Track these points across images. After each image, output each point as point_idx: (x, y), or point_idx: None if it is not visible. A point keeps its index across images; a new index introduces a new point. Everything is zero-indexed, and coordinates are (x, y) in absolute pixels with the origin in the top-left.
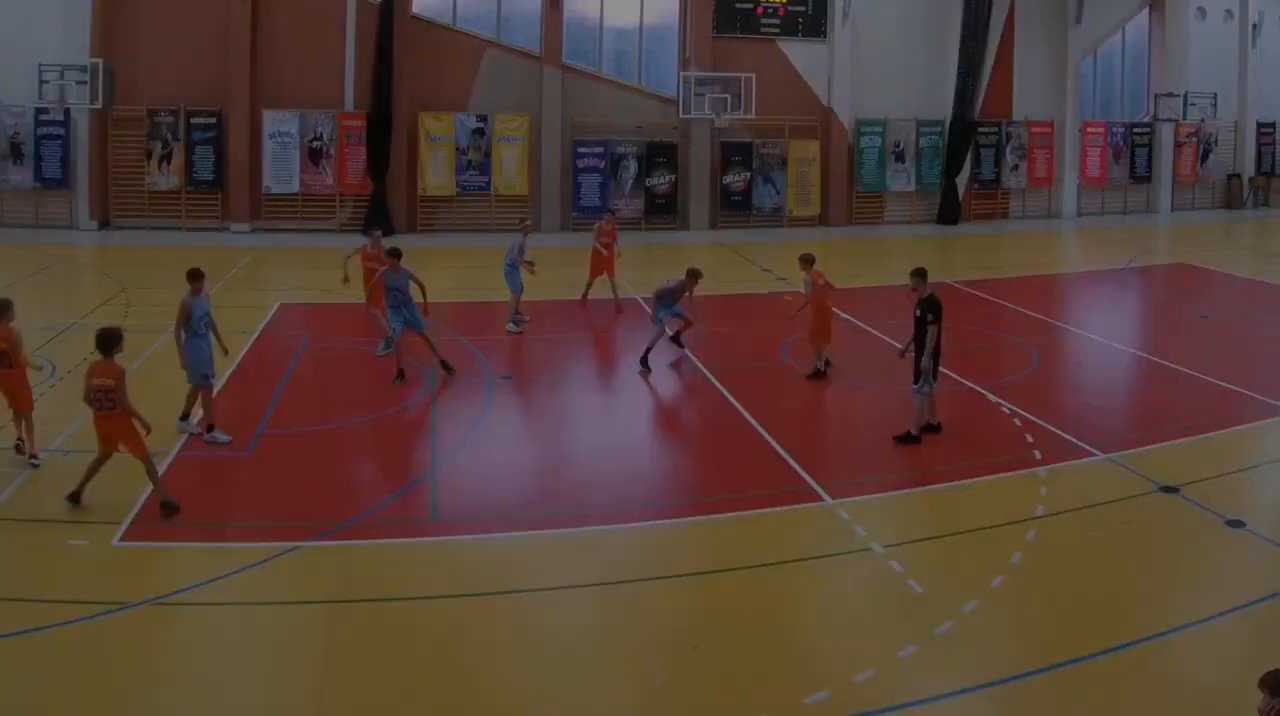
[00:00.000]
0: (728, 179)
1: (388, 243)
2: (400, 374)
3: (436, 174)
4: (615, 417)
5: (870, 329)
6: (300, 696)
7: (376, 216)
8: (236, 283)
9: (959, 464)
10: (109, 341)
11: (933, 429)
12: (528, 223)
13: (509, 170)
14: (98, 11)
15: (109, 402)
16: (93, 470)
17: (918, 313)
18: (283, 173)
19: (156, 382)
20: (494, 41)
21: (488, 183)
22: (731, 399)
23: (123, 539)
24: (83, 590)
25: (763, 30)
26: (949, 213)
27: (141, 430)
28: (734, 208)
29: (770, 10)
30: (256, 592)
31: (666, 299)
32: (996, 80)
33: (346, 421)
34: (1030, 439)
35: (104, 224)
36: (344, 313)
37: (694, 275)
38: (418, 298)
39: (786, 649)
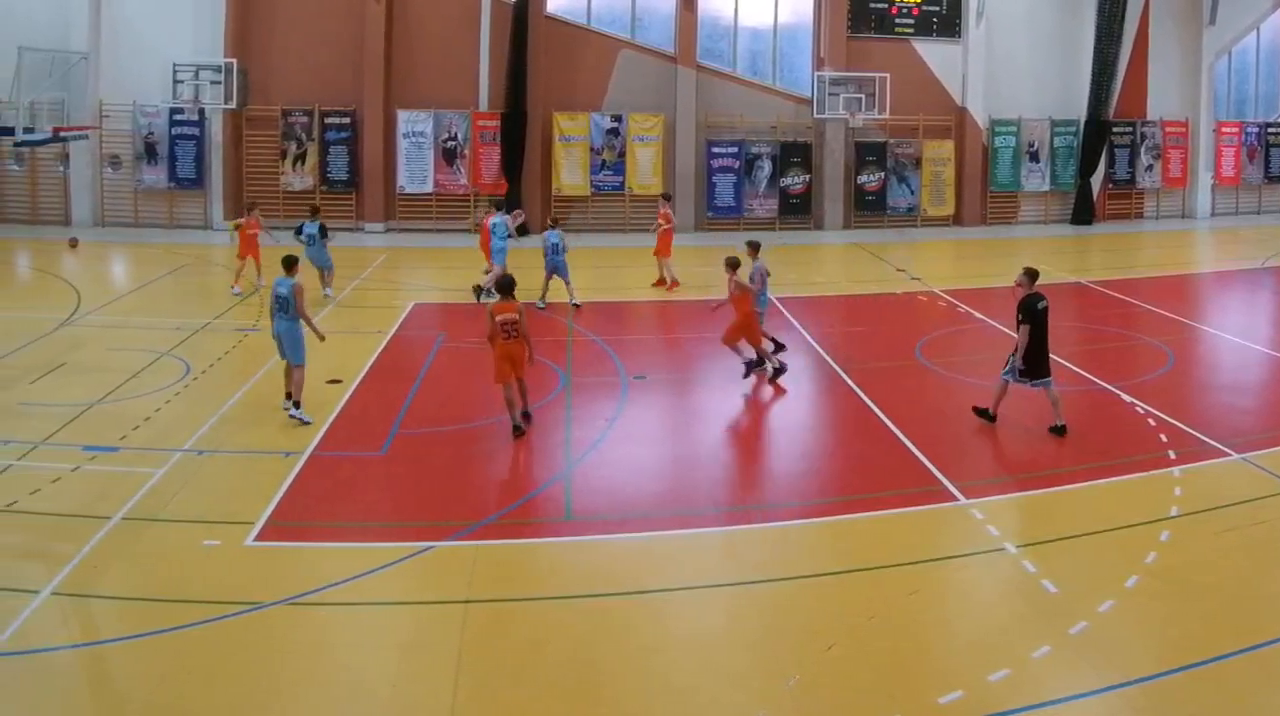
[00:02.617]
0: (862, 179)
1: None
2: None
3: (571, 174)
4: (749, 417)
5: (1004, 329)
6: (433, 696)
7: None
8: (371, 282)
9: (1093, 463)
10: (508, 286)
11: (1059, 430)
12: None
13: (643, 170)
14: (231, 11)
15: (514, 332)
16: (510, 403)
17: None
18: (417, 172)
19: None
20: (628, 41)
21: (622, 182)
22: (865, 398)
23: (256, 539)
24: (217, 590)
25: (897, 30)
26: (1083, 213)
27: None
28: (868, 207)
29: (904, 10)
30: (390, 593)
31: None
32: (1130, 80)
33: (481, 421)
34: (1164, 439)
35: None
36: (476, 312)
37: None
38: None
39: (920, 648)
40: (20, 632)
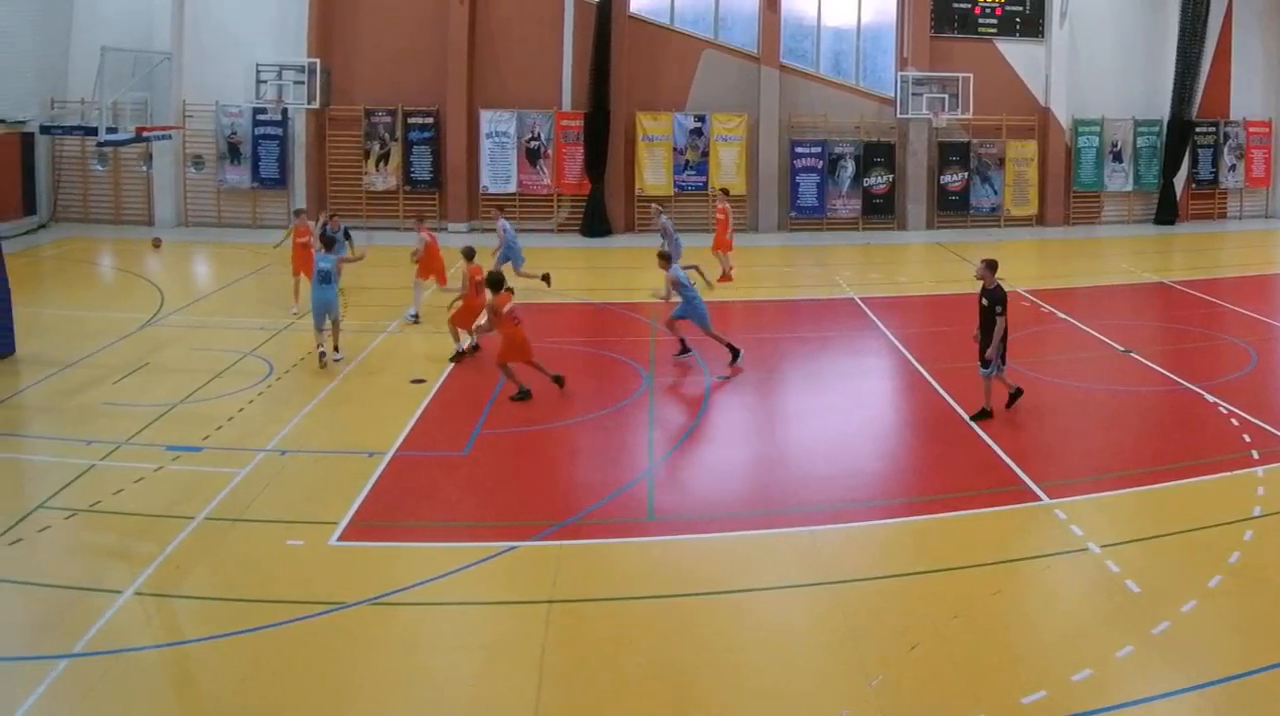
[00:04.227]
0: (945, 179)
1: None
2: None
3: (654, 174)
4: (832, 417)
5: (1087, 329)
6: (517, 695)
7: (594, 216)
8: (454, 282)
9: (1176, 463)
10: (500, 281)
11: (1014, 395)
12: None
13: (727, 170)
14: (314, 11)
15: (519, 318)
16: (514, 374)
17: (984, 302)
18: (500, 172)
19: (382, 379)
20: (711, 41)
21: (705, 183)
22: (948, 398)
23: (340, 539)
24: (301, 590)
25: (980, 30)
26: (1167, 213)
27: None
28: (951, 207)
29: (988, 10)
30: (473, 593)
31: None
32: (1214, 80)
33: (563, 421)
34: (1248, 439)
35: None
36: (560, 312)
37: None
38: None
39: (1003, 648)
40: (104, 632)
